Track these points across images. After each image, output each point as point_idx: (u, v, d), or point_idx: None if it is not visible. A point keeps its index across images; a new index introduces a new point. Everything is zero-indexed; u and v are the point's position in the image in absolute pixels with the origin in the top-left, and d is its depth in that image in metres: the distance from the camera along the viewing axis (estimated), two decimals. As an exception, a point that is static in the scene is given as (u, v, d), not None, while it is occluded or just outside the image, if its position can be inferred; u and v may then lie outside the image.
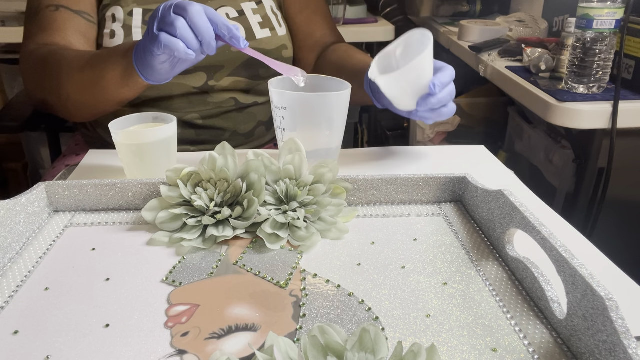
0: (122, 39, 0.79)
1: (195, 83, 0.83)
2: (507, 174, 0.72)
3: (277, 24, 0.91)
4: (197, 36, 0.58)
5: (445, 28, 1.75)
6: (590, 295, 0.36)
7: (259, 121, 0.92)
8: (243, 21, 0.86)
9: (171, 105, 0.84)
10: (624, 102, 0.98)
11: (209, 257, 0.51)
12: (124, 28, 0.79)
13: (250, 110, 0.90)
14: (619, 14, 0.96)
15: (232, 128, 0.89)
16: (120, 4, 0.81)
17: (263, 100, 0.91)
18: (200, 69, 0.83)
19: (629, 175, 1.07)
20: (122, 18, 0.80)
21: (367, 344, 0.33)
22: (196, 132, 0.87)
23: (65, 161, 0.92)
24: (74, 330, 0.41)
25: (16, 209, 0.52)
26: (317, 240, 0.53)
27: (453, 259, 0.51)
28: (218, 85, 0.84)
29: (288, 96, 0.63)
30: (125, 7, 0.81)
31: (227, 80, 0.85)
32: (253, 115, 0.91)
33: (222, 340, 0.40)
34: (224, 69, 0.84)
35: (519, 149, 1.45)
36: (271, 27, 0.89)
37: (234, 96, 0.87)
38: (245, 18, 0.86)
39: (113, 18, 0.81)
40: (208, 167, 0.55)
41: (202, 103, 0.85)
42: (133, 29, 0.79)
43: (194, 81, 0.83)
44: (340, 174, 0.59)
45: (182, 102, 0.84)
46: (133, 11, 0.80)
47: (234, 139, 0.90)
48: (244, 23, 0.86)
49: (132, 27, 0.79)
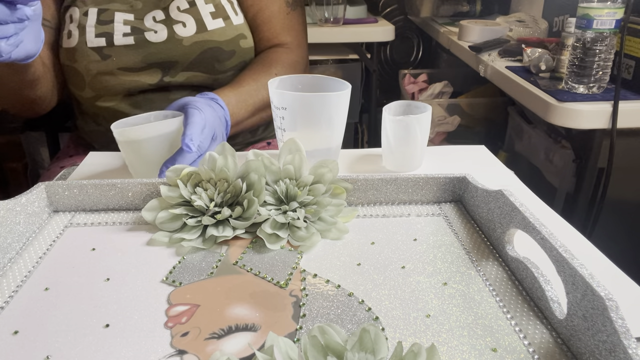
0: (77, 39, 0.79)
1: (150, 80, 0.82)
2: (507, 174, 0.72)
3: (233, 12, 0.86)
4: None
5: (445, 28, 1.75)
6: (590, 295, 0.36)
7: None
8: (194, 12, 0.83)
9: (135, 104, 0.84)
10: (624, 102, 0.98)
11: (209, 257, 0.51)
12: (79, 28, 0.80)
13: None
14: (619, 14, 0.96)
15: None
16: (76, 4, 0.82)
17: None
18: (153, 65, 0.82)
19: (629, 175, 1.07)
20: (78, 18, 0.81)
21: (367, 344, 0.33)
22: None
23: (60, 163, 0.92)
24: (74, 330, 0.41)
25: (16, 209, 0.52)
26: (317, 240, 0.53)
27: (453, 259, 0.51)
28: (174, 81, 0.83)
29: (288, 96, 0.63)
30: (81, 8, 0.81)
31: (182, 75, 0.83)
32: None
33: (222, 340, 0.40)
34: (177, 64, 0.83)
35: (519, 149, 1.45)
36: (225, 16, 0.85)
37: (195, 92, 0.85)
38: (196, 9, 0.83)
39: (70, 18, 0.82)
40: (208, 167, 0.55)
41: (164, 100, 0.84)
42: (87, 27, 0.79)
43: (149, 78, 0.82)
44: (340, 174, 0.59)
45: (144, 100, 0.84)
46: (88, 11, 0.80)
47: None
48: (195, 14, 0.83)
49: (86, 27, 0.79)
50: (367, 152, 0.77)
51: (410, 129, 0.66)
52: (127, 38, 0.80)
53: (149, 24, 0.81)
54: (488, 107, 1.69)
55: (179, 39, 0.81)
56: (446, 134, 1.73)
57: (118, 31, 0.80)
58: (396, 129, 0.67)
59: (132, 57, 0.80)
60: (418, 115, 0.66)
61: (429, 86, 1.83)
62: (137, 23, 0.81)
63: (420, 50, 2.21)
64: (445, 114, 1.69)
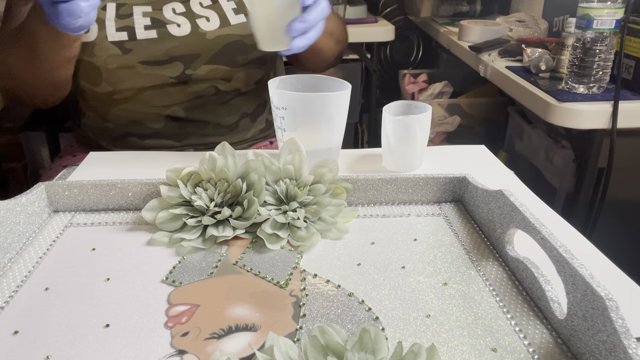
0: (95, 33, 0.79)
1: (171, 73, 0.83)
2: (507, 174, 0.72)
3: None
4: None
5: (445, 28, 1.75)
6: (590, 295, 0.36)
7: (243, 112, 0.91)
8: (217, 8, 0.84)
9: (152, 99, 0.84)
10: (624, 102, 0.98)
11: (209, 257, 0.51)
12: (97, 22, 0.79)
13: (234, 102, 0.89)
14: (619, 14, 0.96)
15: (214, 120, 0.88)
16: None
17: (246, 89, 0.89)
18: (175, 59, 0.82)
19: (629, 175, 1.07)
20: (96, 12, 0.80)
21: (367, 344, 0.33)
22: (179, 124, 0.86)
23: (62, 162, 0.92)
24: (74, 330, 0.41)
25: (16, 209, 0.52)
26: (317, 240, 0.53)
27: (453, 259, 0.51)
28: (195, 74, 0.84)
29: (288, 96, 0.63)
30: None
31: (204, 68, 0.84)
32: (236, 106, 0.90)
33: (222, 340, 0.40)
34: (199, 57, 0.83)
35: (519, 149, 1.45)
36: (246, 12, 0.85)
37: (214, 84, 0.86)
38: (218, 5, 0.84)
39: None
40: (208, 167, 0.55)
41: (182, 94, 0.84)
42: (107, 22, 0.79)
43: (170, 71, 0.82)
44: (340, 174, 0.59)
45: (162, 94, 0.84)
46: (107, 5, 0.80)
47: (218, 131, 0.89)
48: (218, 10, 0.84)
49: (106, 20, 0.79)
50: (367, 152, 0.77)
51: (410, 129, 0.66)
52: (150, 32, 0.80)
53: (169, 16, 0.81)
54: (488, 107, 1.69)
55: (203, 33, 0.81)
56: (446, 134, 1.73)
57: (139, 24, 0.80)
58: (396, 129, 0.67)
59: (154, 50, 0.80)
60: (418, 115, 0.66)
61: (429, 86, 1.83)
62: (156, 14, 0.81)
63: (420, 50, 2.21)
64: (445, 114, 1.69)
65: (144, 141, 0.87)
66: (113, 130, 0.87)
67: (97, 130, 0.90)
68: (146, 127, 0.86)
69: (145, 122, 0.85)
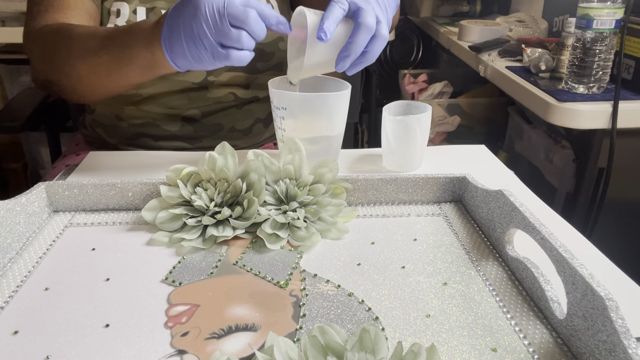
0: None
1: (194, 79, 0.83)
2: (507, 174, 0.72)
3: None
4: (255, 38, 0.57)
5: (445, 28, 1.75)
6: (590, 295, 0.36)
7: (257, 118, 0.92)
8: None
9: (171, 102, 0.84)
10: (624, 102, 0.98)
11: (209, 257, 0.51)
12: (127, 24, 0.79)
13: (249, 107, 0.90)
14: (619, 14, 0.96)
15: (230, 124, 0.89)
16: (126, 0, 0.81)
17: (263, 95, 0.91)
18: None
19: (629, 175, 1.07)
20: (127, 14, 0.80)
21: (367, 344, 0.33)
22: (194, 127, 0.87)
23: (66, 161, 0.91)
24: (74, 330, 0.41)
25: (16, 209, 0.52)
26: (317, 240, 0.53)
27: (453, 259, 0.51)
28: (217, 80, 0.84)
29: (288, 96, 0.63)
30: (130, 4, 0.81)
31: (226, 75, 0.85)
32: (251, 111, 0.90)
33: (222, 340, 0.40)
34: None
35: (519, 149, 1.45)
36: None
37: (233, 91, 0.87)
38: None
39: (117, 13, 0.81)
40: (208, 167, 0.55)
41: (201, 99, 0.85)
42: None
43: (193, 77, 0.83)
44: (340, 174, 0.59)
45: (182, 98, 0.84)
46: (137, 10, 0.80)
47: (232, 135, 0.90)
48: None
49: None
50: (367, 152, 0.77)
51: (410, 129, 0.66)
52: None
53: None
54: (488, 107, 1.69)
55: None
56: (446, 134, 1.73)
57: None
58: (396, 129, 0.67)
59: None
60: (418, 115, 0.66)
61: (429, 86, 1.83)
62: None
63: (420, 50, 2.21)
64: (445, 114, 1.69)
65: (157, 142, 0.87)
66: (127, 129, 0.87)
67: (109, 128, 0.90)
68: (161, 129, 0.86)
69: (161, 123, 0.86)
